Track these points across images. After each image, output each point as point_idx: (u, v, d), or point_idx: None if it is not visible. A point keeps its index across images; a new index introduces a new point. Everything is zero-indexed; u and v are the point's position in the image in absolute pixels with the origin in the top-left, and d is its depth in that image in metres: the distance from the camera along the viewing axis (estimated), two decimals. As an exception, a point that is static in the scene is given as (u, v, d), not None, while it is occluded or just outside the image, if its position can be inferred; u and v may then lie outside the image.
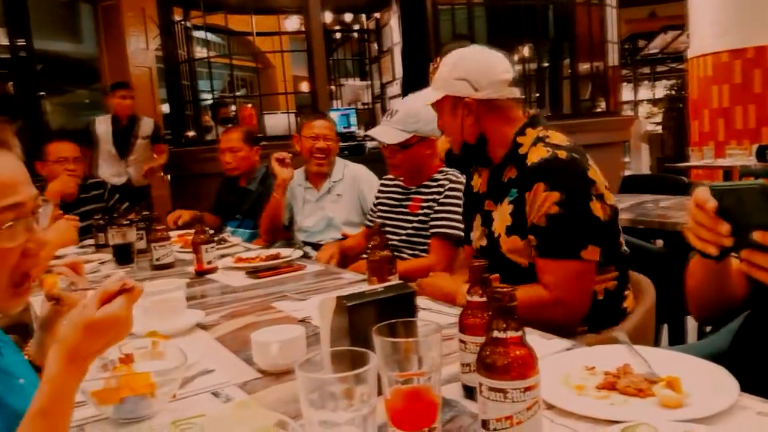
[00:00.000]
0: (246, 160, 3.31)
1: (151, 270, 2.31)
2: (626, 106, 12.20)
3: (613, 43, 6.10)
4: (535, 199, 1.50)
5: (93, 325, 0.87)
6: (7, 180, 0.92)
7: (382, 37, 7.58)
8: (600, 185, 1.50)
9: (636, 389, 0.95)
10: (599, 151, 5.38)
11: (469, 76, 1.60)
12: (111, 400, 0.98)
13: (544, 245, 1.51)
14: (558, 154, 1.50)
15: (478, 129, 1.63)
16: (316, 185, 3.05)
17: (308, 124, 3.01)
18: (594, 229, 1.48)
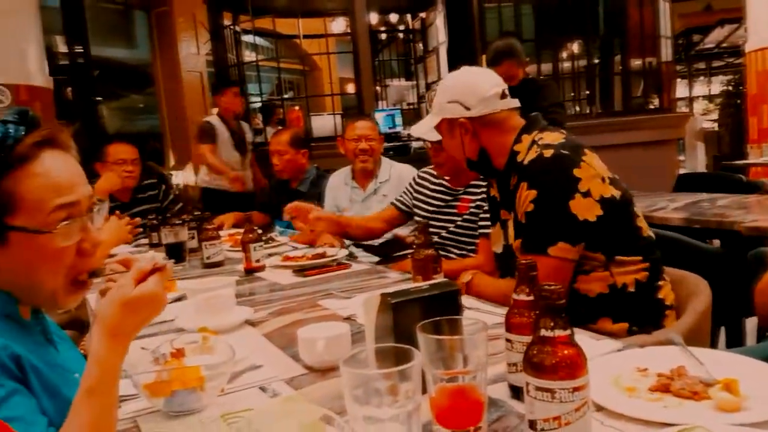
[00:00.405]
0: (292, 162, 3.36)
1: (201, 268, 2.36)
2: (681, 102, 11.84)
3: (667, 38, 5.92)
4: (519, 199, 1.56)
5: (130, 303, 0.90)
6: (63, 180, 0.96)
7: (428, 36, 7.56)
8: (589, 180, 1.50)
9: (691, 392, 0.92)
10: (652, 149, 5.25)
11: (458, 98, 1.66)
12: (162, 393, 1.01)
13: (522, 242, 1.57)
14: (543, 153, 1.54)
15: (478, 144, 1.68)
16: (363, 185, 3.07)
17: (350, 126, 3.06)
18: (568, 226, 1.49)
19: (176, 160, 8.93)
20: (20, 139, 0.92)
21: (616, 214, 1.53)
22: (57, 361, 1.00)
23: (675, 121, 5.96)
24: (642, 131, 5.25)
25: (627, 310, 1.55)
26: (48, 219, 0.93)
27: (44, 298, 0.97)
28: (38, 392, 0.89)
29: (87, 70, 7.20)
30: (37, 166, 0.94)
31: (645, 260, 1.57)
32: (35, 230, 0.92)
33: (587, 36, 6.07)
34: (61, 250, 0.95)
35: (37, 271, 0.94)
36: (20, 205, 0.91)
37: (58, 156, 0.97)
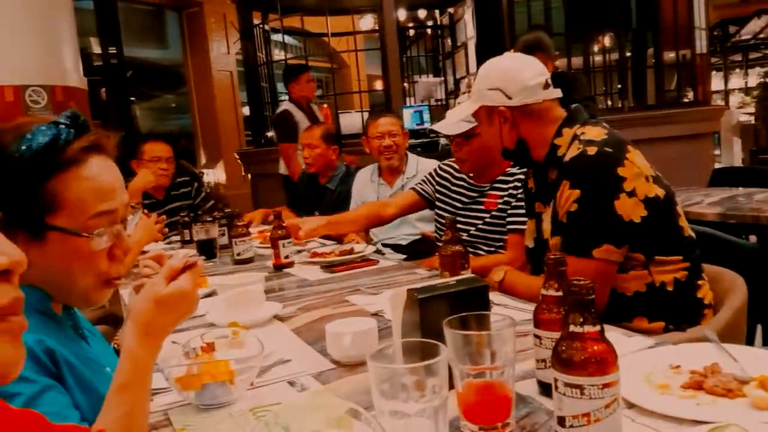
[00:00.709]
0: (322, 157, 3.38)
1: (232, 264, 2.39)
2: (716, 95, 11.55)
3: (701, 29, 5.78)
4: (561, 198, 1.51)
5: (163, 300, 0.92)
6: (106, 186, 0.99)
7: (456, 32, 7.52)
8: (633, 179, 1.46)
9: (725, 389, 0.90)
10: (687, 143, 5.14)
11: (500, 85, 1.61)
12: (193, 386, 1.02)
13: (564, 242, 1.52)
14: (587, 150, 1.49)
15: (516, 134, 1.64)
16: (390, 182, 3.07)
17: (373, 124, 3.05)
18: (613, 228, 1.45)
19: (207, 158, 9.06)
20: (70, 142, 0.94)
21: (660, 214, 1.49)
22: (89, 355, 1.03)
23: (710, 114, 5.82)
24: (676, 125, 5.14)
25: (664, 309, 1.51)
26: (87, 223, 0.96)
27: (76, 296, 1.00)
28: (72, 387, 0.92)
29: (120, 70, 7.33)
30: (85, 170, 0.96)
31: (685, 260, 1.53)
32: (74, 232, 0.95)
33: (619, 29, 5.96)
34: (95, 253, 0.97)
35: (70, 271, 0.97)
36: (63, 206, 0.94)
37: (103, 162, 1.00)
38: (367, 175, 3.18)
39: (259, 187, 6.05)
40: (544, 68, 1.66)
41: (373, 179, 3.14)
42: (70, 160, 0.95)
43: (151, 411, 1.04)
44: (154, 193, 3.36)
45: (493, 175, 2.32)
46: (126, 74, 7.56)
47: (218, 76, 8.84)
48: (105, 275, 1.00)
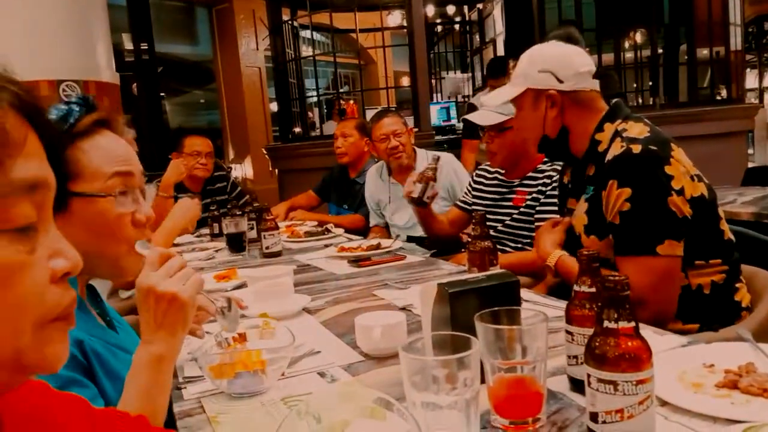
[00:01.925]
0: (355, 146, 3.40)
1: (261, 258, 2.42)
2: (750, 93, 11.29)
3: (736, 25, 5.65)
4: (610, 197, 1.45)
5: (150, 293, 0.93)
6: (120, 152, 1.06)
7: (485, 28, 7.48)
8: (680, 178, 1.41)
9: (761, 389, 0.89)
10: (720, 142, 5.04)
11: (552, 68, 1.57)
12: (226, 375, 1.04)
13: (620, 243, 1.46)
14: (632, 148, 1.43)
15: (561, 122, 1.60)
16: (402, 181, 3.04)
17: (376, 126, 3.02)
18: (672, 223, 1.40)
19: (235, 154, 9.15)
20: (81, 117, 1.03)
21: (704, 215, 1.46)
22: (117, 342, 1.05)
23: (744, 112, 5.69)
24: (709, 123, 5.04)
25: (700, 311, 1.48)
26: (106, 184, 1.02)
27: (107, 266, 1.03)
28: (100, 376, 0.94)
29: (152, 66, 7.44)
30: (98, 139, 1.05)
31: (724, 263, 1.49)
32: (95, 194, 1.00)
33: (651, 25, 5.86)
34: (119, 216, 1.02)
35: (99, 238, 1.00)
36: (82, 172, 1.00)
37: (115, 137, 1.08)
38: (376, 175, 3.18)
39: (285, 182, 6.08)
40: (590, 58, 1.62)
41: (383, 178, 3.12)
42: (83, 131, 1.03)
43: (185, 399, 1.07)
44: (191, 187, 3.42)
45: (523, 171, 2.31)
46: (157, 70, 7.67)
47: (247, 72, 8.92)
48: (132, 241, 1.03)
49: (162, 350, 0.91)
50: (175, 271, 0.94)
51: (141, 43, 7.40)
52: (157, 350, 0.90)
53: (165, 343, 0.91)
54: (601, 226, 1.51)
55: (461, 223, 2.56)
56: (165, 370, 0.91)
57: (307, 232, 2.89)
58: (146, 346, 0.91)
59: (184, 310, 0.92)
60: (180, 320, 0.93)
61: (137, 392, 0.88)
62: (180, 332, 0.93)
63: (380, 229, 3.14)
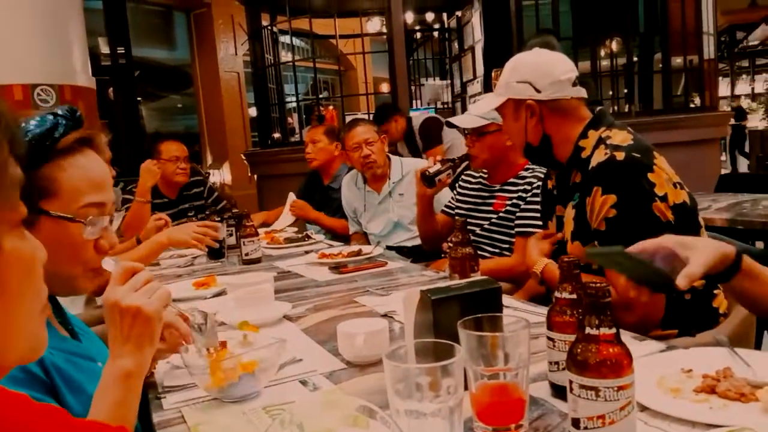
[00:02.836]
0: (324, 151, 3.40)
1: (240, 265, 2.40)
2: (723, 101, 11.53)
3: (709, 35, 5.77)
4: (594, 204, 1.47)
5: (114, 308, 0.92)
6: (99, 178, 1.04)
7: (464, 35, 7.53)
8: (663, 185, 1.44)
9: (738, 393, 0.90)
10: (693, 149, 5.13)
11: (530, 78, 1.60)
12: (230, 378, 1.03)
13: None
14: (616, 155, 1.46)
15: (542, 130, 1.62)
16: (377, 188, 3.05)
17: (348, 135, 3.02)
18: (655, 229, 1.41)
19: (213, 159, 9.08)
20: (67, 132, 1.00)
21: (686, 222, 1.48)
22: (80, 351, 1.04)
23: (717, 120, 5.81)
24: (683, 130, 5.13)
25: (680, 317, 1.49)
26: (79, 211, 1.00)
27: (60, 284, 1.02)
28: (64, 392, 0.93)
29: (128, 70, 7.36)
30: (80, 159, 1.02)
31: None
32: (69, 218, 0.99)
33: (627, 33, 5.96)
34: (85, 242, 1.01)
35: (58, 258, 0.98)
36: (58, 192, 0.98)
37: (95, 157, 1.06)
38: (351, 182, 3.17)
39: (264, 187, 6.06)
40: (573, 66, 1.64)
41: (358, 186, 3.12)
42: (65, 149, 1.00)
43: (164, 408, 1.05)
44: (167, 193, 3.38)
45: (504, 176, 2.33)
46: (134, 74, 7.59)
47: (225, 77, 8.88)
48: (90, 264, 1.04)
49: (130, 366, 0.90)
50: (140, 285, 0.94)
51: (118, 47, 7.31)
52: (126, 365, 0.90)
53: (133, 357, 0.90)
54: (586, 233, 1.52)
55: (448, 227, 2.57)
56: (133, 387, 0.90)
57: (287, 239, 2.88)
58: (114, 361, 0.90)
59: (150, 324, 0.92)
60: (146, 334, 0.92)
61: (106, 408, 0.87)
62: (147, 347, 0.92)
63: (360, 236, 3.14)
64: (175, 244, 2.31)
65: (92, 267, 1.04)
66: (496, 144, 2.24)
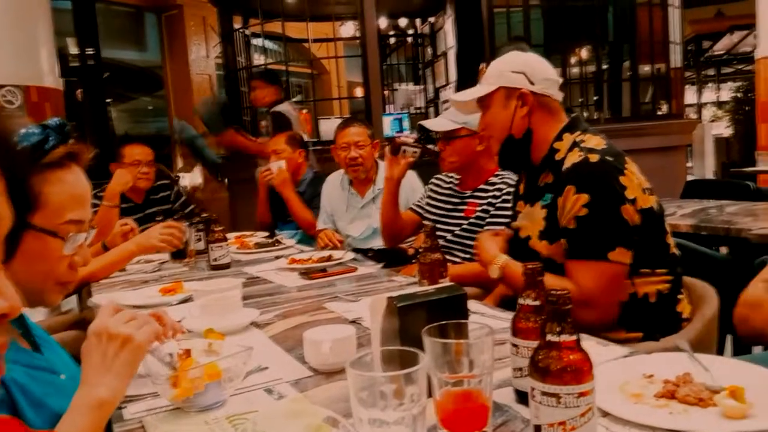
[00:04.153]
0: (289, 161, 3.38)
1: (209, 270, 2.37)
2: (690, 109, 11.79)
3: (676, 44, 5.90)
4: (566, 203, 1.51)
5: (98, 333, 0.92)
6: (83, 195, 1.05)
7: (437, 41, 7.57)
8: (634, 189, 1.48)
9: (697, 398, 0.92)
10: (661, 155, 5.22)
11: (525, 69, 1.64)
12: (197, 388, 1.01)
13: (573, 247, 1.52)
14: (590, 157, 1.50)
15: (527, 123, 1.64)
16: (361, 192, 3.04)
17: (341, 133, 2.99)
18: (623, 232, 1.47)
19: (184, 162, 8.97)
20: (56, 146, 1.00)
21: (652, 227, 1.52)
22: (41, 364, 1.02)
23: (684, 127, 5.93)
24: (651, 137, 5.23)
25: (645, 320, 1.53)
26: (59, 227, 1.00)
27: (30, 297, 1.01)
28: (23, 406, 0.91)
29: (97, 71, 7.24)
30: (67, 174, 1.02)
31: (669, 273, 1.56)
32: (49, 231, 0.99)
33: (596, 41, 6.06)
34: (61, 257, 1.01)
35: (33, 271, 0.99)
36: (44, 205, 0.98)
37: (80, 173, 1.06)
38: (336, 182, 3.15)
39: (235, 192, 6.00)
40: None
41: (343, 187, 3.10)
42: (53, 163, 1.00)
43: (125, 419, 1.03)
44: (132, 197, 3.32)
45: (475, 182, 2.35)
46: (103, 75, 7.47)
47: (197, 79, 8.79)
48: (62, 279, 1.04)
49: (106, 395, 0.88)
50: (128, 319, 0.94)
51: (86, 47, 7.19)
52: (102, 394, 0.88)
53: (111, 388, 0.88)
54: (554, 231, 1.55)
55: (413, 226, 2.58)
56: (105, 416, 0.89)
57: (257, 244, 2.85)
58: (90, 388, 0.88)
59: (136, 354, 0.92)
60: (131, 364, 0.91)
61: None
62: (127, 378, 0.91)
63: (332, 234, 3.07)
64: (143, 250, 2.28)
65: (62, 281, 1.04)
66: (467, 149, 2.26)
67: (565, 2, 5.57)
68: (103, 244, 2.36)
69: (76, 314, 2.66)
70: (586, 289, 1.46)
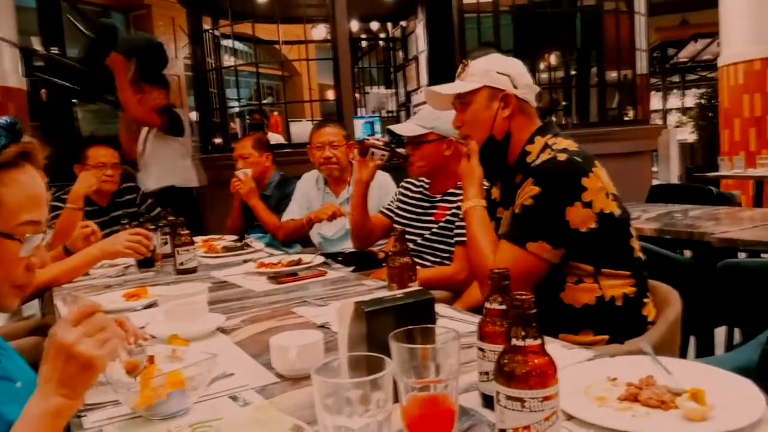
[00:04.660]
0: (256, 165, 3.36)
1: (175, 274, 2.33)
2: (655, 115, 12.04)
3: (642, 51, 6.02)
4: (521, 192, 1.56)
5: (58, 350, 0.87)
6: (38, 195, 1.01)
7: (408, 45, 7.61)
8: (595, 192, 1.50)
9: (659, 401, 0.93)
10: (627, 160, 5.32)
11: (510, 72, 1.66)
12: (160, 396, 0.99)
13: (508, 228, 1.58)
14: (558, 156, 1.54)
15: (508, 126, 1.67)
16: (336, 191, 3.05)
17: (316, 133, 3.02)
18: (556, 229, 1.50)
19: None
20: (7, 146, 0.97)
21: (611, 231, 1.54)
22: None
23: (649, 132, 6.05)
24: (617, 142, 5.32)
25: (611, 323, 1.55)
26: (16, 228, 0.97)
27: None
28: None
29: (63, 71, 7.09)
30: (20, 174, 0.99)
31: (633, 276, 1.58)
32: (8, 234, 0.96)
33: (565, 48, 6.15)
34: (17, 260, 0.98)
35: None
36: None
37: (35, 173, 1.02)
38: (311, 181, 3.15)
39: (204, 194, 5.92)
40: None
41: (318, 186, 3.11)
42: (6, 163, 0.97)
43: (85, 427, 1.01)
44: (97, 200, 3.25)
45: (444, 186, 2.36)
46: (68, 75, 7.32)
47: (165, 80, 8.66)
48: (18, 282, 1.01)
49: (60, 407, 0.85)
50: (96, 331, 0.88)
51: (51, 46, 7.04)
52: (57, 405, 0.85)
53: (66, 400, 0.85)
54: None
55: (384, 229, 2.58)
56: (60, 426, 0.86)
57: (224, 247, 2.82)
58: (44, 397, 0.85)
59: (95, 376, 0.88)
60: (86, 385, 0.87)
61: None
62: (82, 395, 0.88)
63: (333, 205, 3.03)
64: (108, 256, 2.24)
65: (19, 284, 1.01)
66: (435, 153, 2.27)
67: (535, 9, 5.65)
68: (64, 248, 2.31)
69: (38, 320, 2.59)
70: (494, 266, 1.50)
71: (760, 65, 6.04)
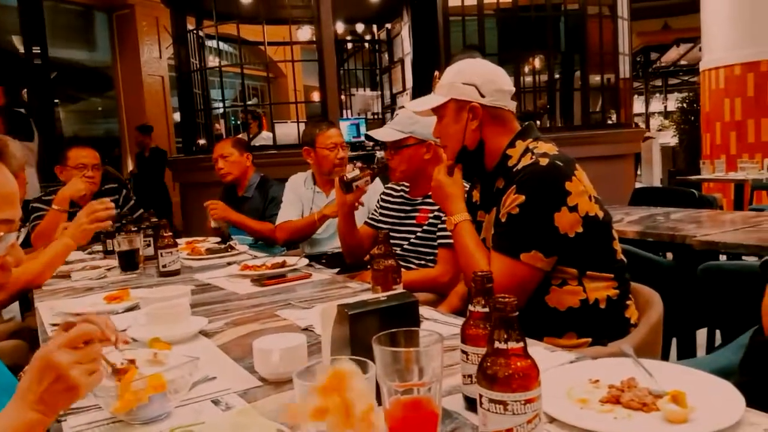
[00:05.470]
0: (237, 164, 3.37)
1: (157, 276, 2.31)
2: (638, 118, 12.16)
3: (625, 55, 6.08)
4: (506, 200, 1.55)
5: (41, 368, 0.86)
6: (10, 193, 0.99)
7: (393, 47, 7.62)
8: (578, 196, 1.51)
9: (640, 403, 0.94)
10: (610, 163, 5.37)
11: (476, 82, 1.64)
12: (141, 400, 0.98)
13: (497, 240, 1.57)
14: (540, 161, 1.53)
15: (479, 135, 1.66)
16: (326, 191, 3.05)
17: (324, 134, 2.99)
18: (547, 237, 1.50)
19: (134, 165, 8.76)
20: None
21: (595, 233, 1.54)
22: None
23: (632, 136, 6.12)
24: (600, 145, 5.37)
25: (595, 326, 1.56)
26: None
27: None
28: None
29: (44, 71, 7.01)
30: None
31: (616, 279, 1.59)
32: None
33: (549, 51, 6.20)
34: None
35: None
36: None
37: (5, 171, 0.99)
38: (300, 182, 3.15)
39: (187, 196, 5.89)
40: (511, 81, 1.70)
41: (307, 186, 3.11)
42: None
43: (64, 433, 0.99)
44: (79, 201, 3.21)
45: (426, 189, 2.35)
46: (50, 75, 7.23)
47: (148, 80, 8.61)
48: None
49: (35, 422, 0.84)
50: (88, 360, 0.88)
51: (33, 46, 6.95)
52: (30, 420, 0.84)
53: (39, 418, 0.85)
54: None
55: (371, 239, 2.56)
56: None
57: (208, 249, 2.80)
58: (21, 409, 0.85)
59: (73, 401, 0.88)
60: (64, 406, 0.88)
61: None
62: (59, 412, 0.88)
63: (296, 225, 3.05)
64: (79, 239, 2.23)
65: None
66: (415, 157, 2.28)
67: (519, 12, 5.69)
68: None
69: (18, 322, 2.56)
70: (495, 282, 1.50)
71: (741, 70, 6.13)
